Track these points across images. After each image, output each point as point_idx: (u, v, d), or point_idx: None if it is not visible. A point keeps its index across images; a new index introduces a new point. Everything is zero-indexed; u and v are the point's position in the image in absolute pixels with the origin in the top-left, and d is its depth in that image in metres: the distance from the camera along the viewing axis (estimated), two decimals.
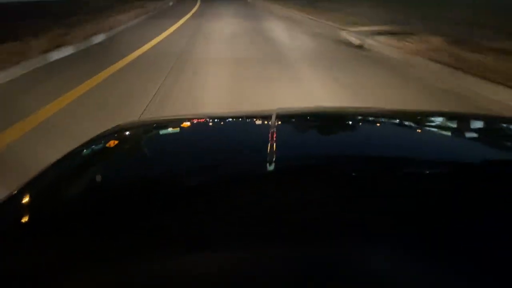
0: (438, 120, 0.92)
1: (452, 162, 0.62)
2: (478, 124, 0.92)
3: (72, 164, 0.71)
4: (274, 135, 0.69)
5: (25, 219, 0.52)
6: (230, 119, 0.95)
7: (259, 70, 4.73)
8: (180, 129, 0.88)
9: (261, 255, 0.39)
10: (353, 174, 0.57)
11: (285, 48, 6.35)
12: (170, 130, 0.89)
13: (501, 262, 0.37)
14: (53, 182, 0.62)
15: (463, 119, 0.97)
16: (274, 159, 0.58)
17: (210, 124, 0.93)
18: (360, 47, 6.21)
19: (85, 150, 0.76)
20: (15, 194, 0.57)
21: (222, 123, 0.93)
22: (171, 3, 22.18)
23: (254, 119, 0.93)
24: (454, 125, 0.93)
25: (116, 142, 0.80)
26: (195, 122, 0.94)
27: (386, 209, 0.46)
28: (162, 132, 0.89)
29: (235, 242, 0.41)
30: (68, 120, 3.12)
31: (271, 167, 0.57)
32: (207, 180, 0.57)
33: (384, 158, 0.63)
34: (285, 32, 8.44)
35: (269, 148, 0.62)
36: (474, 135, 0.84)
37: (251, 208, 0.47)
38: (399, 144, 0.73)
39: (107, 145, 0.79)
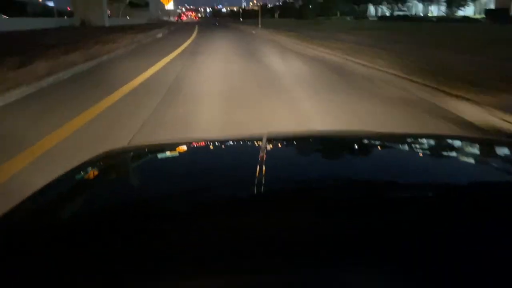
0: (434, 143, 0.95)
1: (440, 186, 0.63)
2: (466, 146, 0.92)
3: (54, 194, 0.69)
4: (264, 158, 0.70)
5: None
6: (221, 143, 0.95)
7: None
8: (169, 154, 0.88)
9: (248, 278, 0.39)
10: (343, 198, 0.57)
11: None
12: (158, 155, 0.89)
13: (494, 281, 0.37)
14: (33, 212, 0.62)
15: (452, 141, 0.99)
16: (263, 182, 0.59)
17: (201, 148, 0.93)
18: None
19: (70, 177, 0.75)
20: None
21: (212, 147, 0.93)
22: (159, 35, 19.03)
23: (244, 143, 0.95)
24: (443, 147, 0.93)
25: (102, 169, 0.80)
26: (185, 146, 0.94)
27: (375, 234, 0.46)
28: (150, 157, 0.88)
29: (221, 265, 0.41)
30: None
31: (259, 190, 0.57)
32: (196, 205, 0.57)
33: (375, 182, 0.64)
34: (341, 103, 5.04)
35: (258, 171, 0.63)
36: (461, 157, 0.86)
37: (240, 231, 0.47)
38: (391, 168, 0.73)
39: (93, 171, 0.79)
